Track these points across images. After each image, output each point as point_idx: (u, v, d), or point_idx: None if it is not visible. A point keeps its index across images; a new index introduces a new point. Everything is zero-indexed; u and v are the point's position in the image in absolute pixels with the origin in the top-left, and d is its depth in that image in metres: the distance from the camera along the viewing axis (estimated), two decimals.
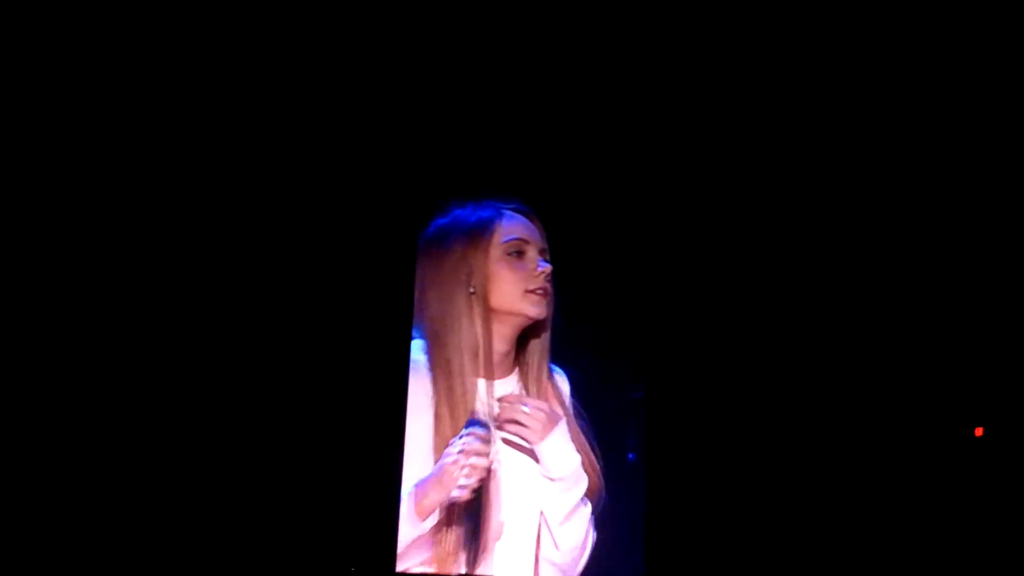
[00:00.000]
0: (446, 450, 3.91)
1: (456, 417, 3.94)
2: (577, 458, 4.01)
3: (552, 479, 3.99)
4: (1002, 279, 4.29)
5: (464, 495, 3.89)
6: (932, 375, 4.29)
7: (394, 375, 3.99)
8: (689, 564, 4.18)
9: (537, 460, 3.99)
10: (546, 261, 4.06)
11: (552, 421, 3.99)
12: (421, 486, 3.91)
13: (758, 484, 4.24)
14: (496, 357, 4.02)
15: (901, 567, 4.13)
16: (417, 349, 4.01)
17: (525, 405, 3.98)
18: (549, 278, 4.03)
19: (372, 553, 3.95)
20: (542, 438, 3.98)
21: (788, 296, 4.41)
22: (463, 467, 3.89)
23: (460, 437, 3.90)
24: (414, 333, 4.04)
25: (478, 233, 4.04)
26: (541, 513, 4.00)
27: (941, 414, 4.24)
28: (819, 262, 4.43)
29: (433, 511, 3.89)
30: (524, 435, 3.99)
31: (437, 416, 3.95)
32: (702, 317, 4.40)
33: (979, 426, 4.18)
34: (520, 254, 4.03)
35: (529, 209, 4.11)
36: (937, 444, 4.21)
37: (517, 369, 4.07)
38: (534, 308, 4.01)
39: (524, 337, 4.07)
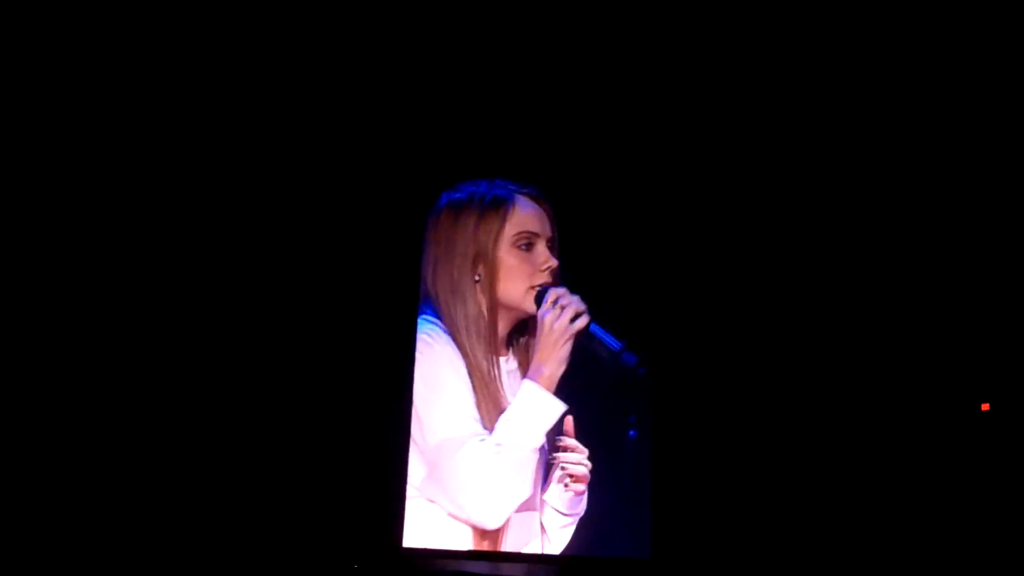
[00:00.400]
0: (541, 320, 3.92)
1: (486, 391, 3.94)
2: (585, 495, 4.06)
3: (563, 513, 4.02)
4: (1003, 263, 4.27)
5: (578, 326, 3.89)
6: (939, 351, 4.27)
7: (397, 356, 4.02)
8: (695, 540, 4.20)
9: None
10: (554, 251, 4.05)
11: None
12: (535, 369, 3.91)
13: (763, 463, 4.25)
14: (498, 338, 4.03)
15: (905, 539, 4.12)
16: (434, 325, 4.02)
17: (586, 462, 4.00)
18: (554, 273, 4.02)
19: (378, 530, 3.98)
20: (581, 495, 4.01)
21: (794, 280, 4.39)
22: (561, 309, 3.90)
23: (543, 303, 3.93)
24: (427, 310, 4.05)
25: (490, 220, 4.03)
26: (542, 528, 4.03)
27: (948, 390, 4.23)
28: (826, 247, 4.41)
29: (557, 378, 3.90)
30: (575, 487, 3.99)
31: (471, 376, 3.96)
32: (707, 296, 4.40)
33: (985, 402, 4.16)
34: (529, 246, 4.03)
35: (541, 194, 4.10)
36: (944, 418, 4.20)
37: (511, 349, 4.08)
38: (534, 306, 4.00)
39: (524, 321, 4.06)
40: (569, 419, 4.00)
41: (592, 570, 4.11)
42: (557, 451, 3.99)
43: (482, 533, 3.94)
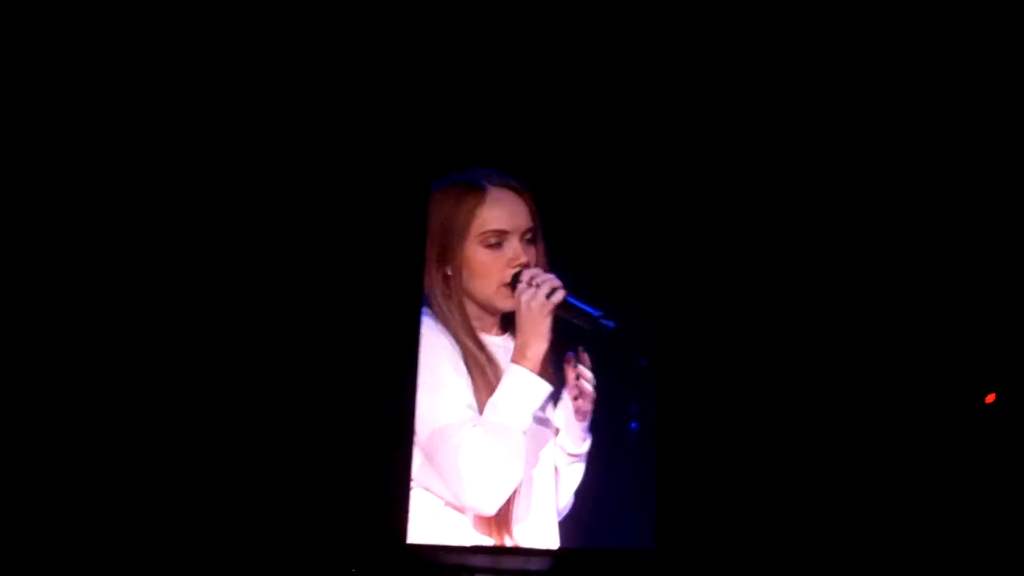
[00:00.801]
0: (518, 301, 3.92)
1: (483, 379, 3.94)
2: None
3: (570, 454, 4.04)
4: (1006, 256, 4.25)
5: (555, 300, 3.87)
6: (944, 342, 4.25)
7: (400, 350, 3.99)
8: (700, 532, 4.19)
9: (556, 432, 4.02)
10: (535, 243, 4.01)
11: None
12: (519, 351, 3.90)
13: (769, 454, 4.23)
14: (485, 324, 4.03)
15: (911, 534, 4.12)
16: (427, 317, 4.01)
17: (592, 381, 4.02)
18: (527, 267, 3.97)
19: (383, 526, 3.98)
20: (586, 418, 4.02)
21: (797, 272, 4.36)
22: (536, 287, 3.89)
23: (519, 285, 3.92)
24: (424, 301, 4.04)
25: (456, 216, 4.00)
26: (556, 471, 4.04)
27: (953, 381, 4.21)
28: (828, 238, 4.37)
29: (541, 357, 3.89)
30: (580, 404, 4.00)
31: (468, 365, 3.97)
32: (711, 285, 4.37)
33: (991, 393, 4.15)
34: (498, 244, 3.99)
35: (520, 184, 4.05)
36: (948, 411, 4.19)
37: (509, 330, 4.04)
38: (506, 302, 3.99)
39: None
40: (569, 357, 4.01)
41: (596, 562, 4.11)
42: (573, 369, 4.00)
43: (487, 522, 3.92)
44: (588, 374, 4.02)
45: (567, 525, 4.06)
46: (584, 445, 4.06)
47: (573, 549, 4.05)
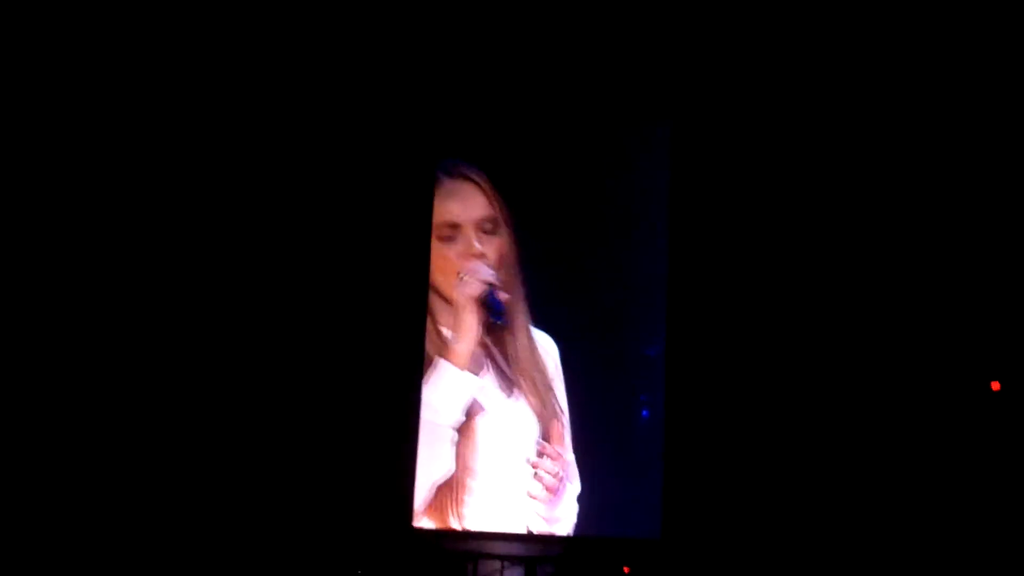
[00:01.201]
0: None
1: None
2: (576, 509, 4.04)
3: (545, 518, 4.03)
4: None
5: (473, 293, 3.93)
6: (951, 330, 4.23)
7: (407, 349, 4.11)
8: (706, 521, 4.17)
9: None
10: (497, 231, 4.05)
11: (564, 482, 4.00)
12: (449, 347, 3.95)
13: (775, 446, 4.19)
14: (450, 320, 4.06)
15: (912, 534, 4.09)
16: None
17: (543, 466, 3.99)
18: (491, 258, 4.02)
19: (390, 511, 4.08)
20: (555, 504, 4.00)
21: (801, 268, 4.35)
22: (464, 281, 3.95)
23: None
24: None
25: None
26: None
27: (958, 368, 4.19)
28: (832, 236, 4.35)
29: (468, 352, 3.94)
30: (538, 493, 3.99)
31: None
32: (718, 278, 4.34)
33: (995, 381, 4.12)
34: (451, 237, 4.04)
35: (480, 172, 4.10)
36: (954, 397, 4.17)
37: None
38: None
39: None
40: (557, 426, 4.00)
41: (602, 549, 4.11)
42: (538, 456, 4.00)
43: (434, 511, 3.98)
44: (547, 477, 3.98)
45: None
46: (556, 510, 4.02)
47: (580, 537, 4.06)
